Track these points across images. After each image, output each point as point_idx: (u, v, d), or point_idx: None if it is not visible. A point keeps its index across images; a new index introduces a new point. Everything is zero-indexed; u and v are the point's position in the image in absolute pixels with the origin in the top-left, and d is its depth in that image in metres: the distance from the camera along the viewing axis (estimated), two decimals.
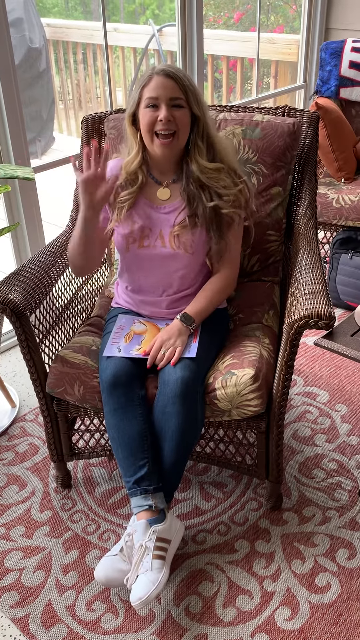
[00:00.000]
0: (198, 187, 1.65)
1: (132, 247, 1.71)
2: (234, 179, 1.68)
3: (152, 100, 1.58)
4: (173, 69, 1.59)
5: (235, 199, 1.66)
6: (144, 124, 1.60)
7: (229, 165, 1.68)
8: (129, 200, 1.68)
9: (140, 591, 1.43)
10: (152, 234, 1.69)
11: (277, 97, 3.89)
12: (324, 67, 3.18)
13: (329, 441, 2.07)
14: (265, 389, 1.58)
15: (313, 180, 1.99)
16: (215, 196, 1.65)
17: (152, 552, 1.48)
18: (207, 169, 1.64)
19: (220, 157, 1.68)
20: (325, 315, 1.46)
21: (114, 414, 1.57)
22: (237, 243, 1.76)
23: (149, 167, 1.71)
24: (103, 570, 1.52)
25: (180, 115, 1.59)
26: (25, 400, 2.33)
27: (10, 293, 1.62)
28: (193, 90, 1.61)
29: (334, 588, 1.60)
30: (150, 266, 1.72)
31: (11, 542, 1.76)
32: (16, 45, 4.62)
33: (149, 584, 1.43)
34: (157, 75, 1.58)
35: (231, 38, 4.40)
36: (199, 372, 1.59)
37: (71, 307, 1.99)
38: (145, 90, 1.59)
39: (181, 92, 1.58)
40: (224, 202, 1.65)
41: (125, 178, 1.69)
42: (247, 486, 1.91)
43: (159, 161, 1.68)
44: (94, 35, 4.84)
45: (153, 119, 1.58)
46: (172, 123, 1.58)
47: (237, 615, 1.55)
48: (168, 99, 1.57)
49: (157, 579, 1.44)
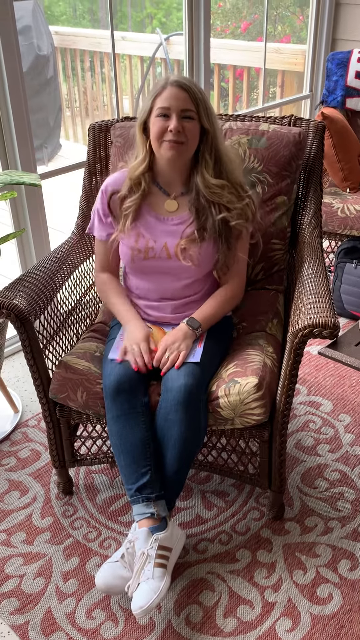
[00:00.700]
0: (207, 201, 1.65)
1: (137, 258, 1.71)
2: (240, 193, 1.68)
3: (164, 110, 1.59)
4: (187, 81, 1.60)
5: (241, 212, 1.67)
6: (154, 132, 1.61)
7: (235, 180, 1.68)
8: (132, 207, 1.69)
9: (142, 600, 1.42)
10: (158, 245, 1.69)
11: (283, 106, 3.91)
12: (330, 77, 3.19)
13: (332, 451, 2.06)
14: (268, 398, 1.58)
15: (318, 189, 2.00)
16: (224, 209, 1.66)
17: (154, 560, 1.47)
18: (211, 184, 1.64)
19: (227, 172, 1.68)
20: (329, 324, 1.46)
21: (117, 420, 1.57)
22: (244, 255, 1.77)
23: (156, 178, 1.71)
24: (103, 577, 1.52)
25: (190, 127, 1.60)
26: (28, 405, 2.33)
27: (15, 298, 1.63)
28: (205, 104, 1.62)
29: (335, 599, 1.59)
30: (155, 276, 1.73)
31: (12, 548, 1.75)
32: (24, 53, 4.66)
33: (151, 593, 1.42)
34: (171, 86, 1.59)
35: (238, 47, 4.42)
36: (203, 380, 1.58)
37: (75, 313, 1.99)
38: (158, 100, 1.60)
39: (193, 104, 1.59)
40: (231, 215, 1.65)
41: (129, 186, 1.69)
42: (249, 495, 1.90)
43: (166, 170, 1.68)
44: (102, 43, 4.88)
45: (163, 128, 1.59)
46: (182, 134, 1.59)
47: (238, 625, 1.54)
48: (179, 110, 1.58)
49: (158, 587, 1.43)
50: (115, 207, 1.72)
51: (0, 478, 2.00)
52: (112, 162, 2.04)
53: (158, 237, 1.70)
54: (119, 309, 1.75)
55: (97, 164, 2.10)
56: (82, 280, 2.05)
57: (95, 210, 1.78)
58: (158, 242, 1.69)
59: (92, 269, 2.11)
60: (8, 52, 2.21)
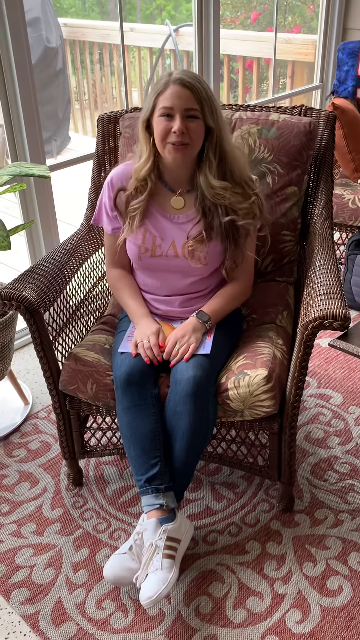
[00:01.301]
0: (212, 201, 1.63)
1: (144, 256, 1.70)
2: (246, 190, 1.66)
3: (167, 110, 1.55)
4: (190, 78, 1.54)
5: (248, 211, 1.65)
6: (158, 134, 1.58)
7: (240, 178, 1.65)
8: (139, 208, 1.66)
9: (150, 590, 1.43)
10: (165, 243, 1.68)
11: (294, 97, 3.88)
12: (341, 67, 3.16)
13: (342, 444, 2.05)
14: (278, 390, 1.57)
15: (329, 180, 1.98)
16: (230, 210, 1.63)
17: (162, 551, 1.48)
18: (214, 186, 1.61)
19: (232, 171, 1.64)
20: (340, 316, 1.45)
21: (127, 412, 1.57)
22: (252, 252, 1.75)
23: (162, 174, 1.69)
24: (111, 569, 1.52)
25: (195, 127, 1.56)
26: (38, 397, 2.33)
27: (25, 290, 1.63)
28: (209, 102, 1.57)
29: (345, 591, 1.59)
30: (162, 274, 1.72)
31: (22, 539, 1.76)
32: (33, 45, 4.64)
33: (159, 583, 1.43)
34: (174, 84, 1.54)
35: (248, 38, 4.39)
36: (212, 372, 1.58)
37: (85, 306, 1.99)
38: (161, 99, 1.56)
39: (197, 103, 1.54)
40: (238, 215, 1.63)
41: (134, 186, 1.67)
42: (259, 487, 1.90)
43: (172, 168, 1.66)
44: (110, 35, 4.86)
45: (167, 129, 1.55)
46: (186, 135, 1.55)
47: (248, 616, 1.54)
48: (183, 109, 1.54)
49: (167, 578, 1.44)
50: (121, 205, 1.70)
51: (11, 469, 2.01)
52: (121, 153, 2.04)
53: (165, 236, 1.68)
54: (131, 306, 1.75)
55: (106, 155, 2.09)
56: (91, 272, 2.05)
57: (102, 203, 1.77)
58: (165, 240, 1.68)
59: (101, 261, 2.11)
60: (17, 44, 2.20)
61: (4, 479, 1.97)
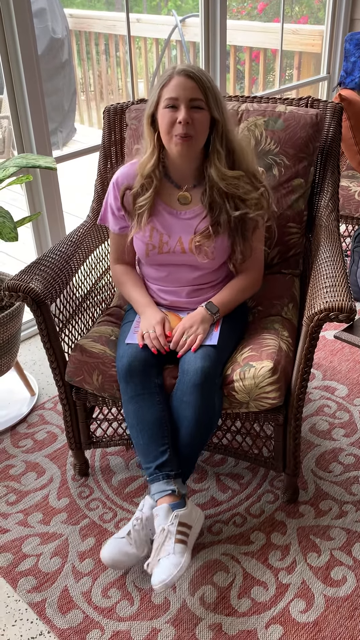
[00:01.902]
0: (220, 195, 1.62)
1: (151, 253, 1.70)
2: (254, 182, 1.65)
3: (172, 101, 1.54)
4: (194, 70, 1.55)
5: (258, 202, 1.64)
6: (163, 126, 1.57)
7: (248, 170, 1.65)
8: (146, 205, 1.66)
9: (163, 574, 1.43)
10: (172, 240, 1.68)
11: (300, 88, 3.86)
12: (348, 58, 3.14)
13: (347, 435, 2.06)
14: (283, 382, 1.58)
15: (336, 172, 1.97)
16: (240, 202, 1.63)
17: (174, 536, 1.48)
18: (227, 176, 1.61)
19: (239, 162, 1.64)
20: (346, 308, 1.45)
21: (132, 401, 1.58)
22: (261, 244, 1.75)
23: (167, 170, 1.69)
24: (109, 552, 1.55)
25: (200, 118, 1.56)
26: (45, 388, 2.35)
27: (31, 282, 1.64)
28: (214, 93, 1.57)
29: (349, 582, 1.60)
30: (169, 268, 1.72)
31: (29, 528, 1.78)
32: (39, 36, 4.64)
33: (172, 567, 1.43)
34: (178, 75, 1.54)
35: (254, 29, 4.37)
36: (218, 363, 1.59)
37: (91, 297, 2.00)
38: (165, 91, 1.56)
39: (201, 93, 1.54)
40: (247, 206, 1.63)
41: (140, 183, 1.66)
42: (264, 478, 1.91)
43: (177, 163, 1.65)
44: (116, 25, 4.84)
45: (172, 120, 1.55)
46: (191, 126, 1.55)
47: (252, 606, 1.56)
48: (188, 99, 1.54)
49: (179, 562, 1.44)
50: (129, 204, 1.70)
51: (18, 459, 2.02)
52: (127, 144, 2.04)
53: (172, 232, 1.68)
54: (135, 298, 1.75)
55: (112, 147, 2.09)
56: (97, 264, 2.05)
57: (107, 204, 1.76)
58: (172, 237, 1.68)
59: (107, 253, 2.12)
60: (23, 35, 2.20)
61: (11, 469, 1.99)
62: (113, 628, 1.52)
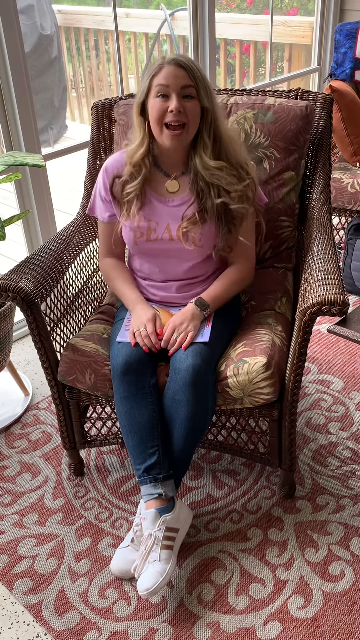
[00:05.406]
0: (206, 183, 1.61)
1: (139, 240, 1.69)
2: (241, 173, 1.64)
3: (163, 89, 1.54)
4: (184, 59, 1.55)
5: (242, 194, 1.63)
6: (154, 115, 1.56)
7: (236, 161, 1.64)
8: (134, 192, 1.65)
9: (148, 582, 1.45)
10: (160, 227, 1.67)
11: (291, 80, 3.83)
12: (338, 49, 3.12)
13: (343, 429, 2.05)
14: (277, 377, 1.56)
15: (327, 164, 1.96)
16: (223, 192, 1.61)
17: (161, 542, 1.49)
18: (209, 166, 1.60)
19: (227, 152, 1.63)
20: (338, 301, 1.44)
21: (124, 401, 1.57)
22: (251, 236, 1.73)
23: (156, 159, 1.68)
24: (117, 564, 1.58)
25: (191, 107, 1.55)
26: (38, 388, 2.33)
27: (21, 281, 1.62)
28: (203, 82, 1.56)
29: (347, 576, 1.59)
30: (158, 259, 1.71)
31: (24, 530, 1.77)
32: (27, 33, 4.60)
33: (157, 575, 1.45)
34: (168, 65, 1.54)
35: (244, 21, 4.34)
36: (211, 360, 1.57)
37: (82, 296, 1.98)
38: (155, 79, 1.55)
39: (192, 81, 1.54)
40: (231, 198, 1.61)
41: (129, 172, 1.65)
42: (260, 474, 1.90)
43: (167, 153, 1.64)
44: (106, 21, 4.80)
45: (163, 109, 1.54)
46: (183, 114, 1.54)
47: (250, 603, 1.55)
48: (179, 88, 1.53)
49: (164, 569, 1.46)
50: (118, 191, 1.69)
51: (12, 460, 2.01)
52: (116, 140, 2.02)
53: (160, 219, 1.67)
54: (125, 293, 1.74)
55: (101, 143, 2.07)
56: (88, 262, 2.04)
57: (97, 191, 1.75)
58: (160, 224, 1.67)
59: (98, 251, 2.09)
60: (9, 32, 2.18)
61: (6, 470, 1.97)
62: (110, 628, 1.50)
